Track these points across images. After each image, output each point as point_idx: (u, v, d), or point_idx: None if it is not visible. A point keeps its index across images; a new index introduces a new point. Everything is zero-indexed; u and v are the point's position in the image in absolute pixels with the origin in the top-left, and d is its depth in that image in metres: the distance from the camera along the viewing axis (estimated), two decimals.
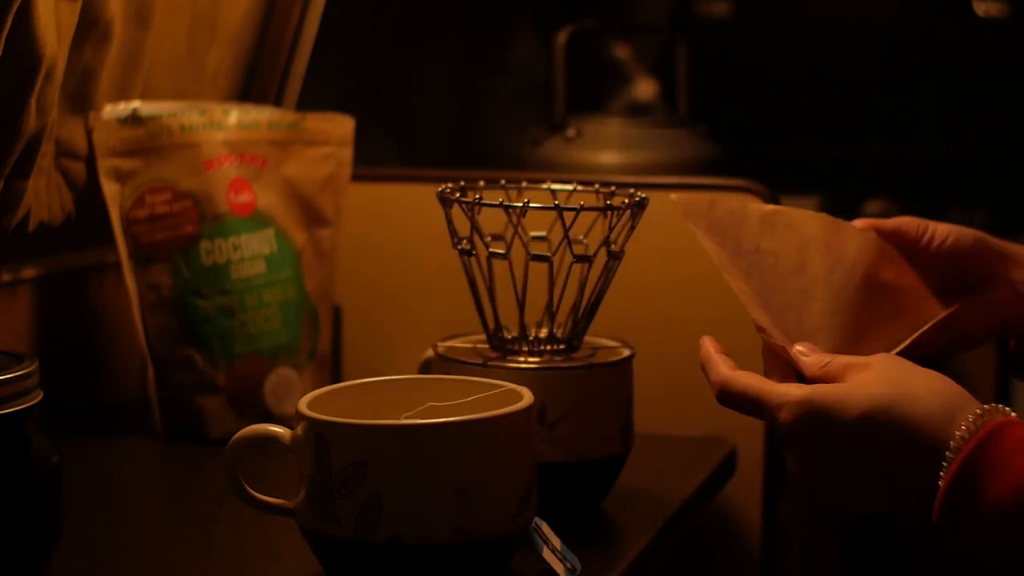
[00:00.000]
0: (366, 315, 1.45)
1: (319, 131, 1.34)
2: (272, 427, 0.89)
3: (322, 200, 1.34)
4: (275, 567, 0.94)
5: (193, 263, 1.25)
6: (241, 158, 1.29)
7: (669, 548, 1.05)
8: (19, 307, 1.25)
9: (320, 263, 1.34)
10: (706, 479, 1.18)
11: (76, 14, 1.13)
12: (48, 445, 0.89)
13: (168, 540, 1.02)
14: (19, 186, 1.14)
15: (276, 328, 1.28)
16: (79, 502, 1.00)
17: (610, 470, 1.04)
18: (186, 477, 1.19)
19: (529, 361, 1.02)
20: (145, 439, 1.25)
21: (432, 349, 1.06)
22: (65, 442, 0.93)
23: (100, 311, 1.34)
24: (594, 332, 1.07)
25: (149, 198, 1.24)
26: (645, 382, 1.13)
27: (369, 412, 0.89)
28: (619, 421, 1.03)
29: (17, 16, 1.02)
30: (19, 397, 0.86)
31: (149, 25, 1.25)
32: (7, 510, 0.86)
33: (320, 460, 0.84)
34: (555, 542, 0.91)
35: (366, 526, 0.83)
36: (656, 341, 1.30)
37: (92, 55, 1.20)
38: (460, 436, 0.83)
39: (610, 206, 1.00)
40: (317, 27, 1.49)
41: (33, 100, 1.08)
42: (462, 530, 0.83)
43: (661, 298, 1.34)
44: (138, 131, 1.24)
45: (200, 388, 1.25)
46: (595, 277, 1.03)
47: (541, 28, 2.25)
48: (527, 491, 0.87)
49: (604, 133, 1.80)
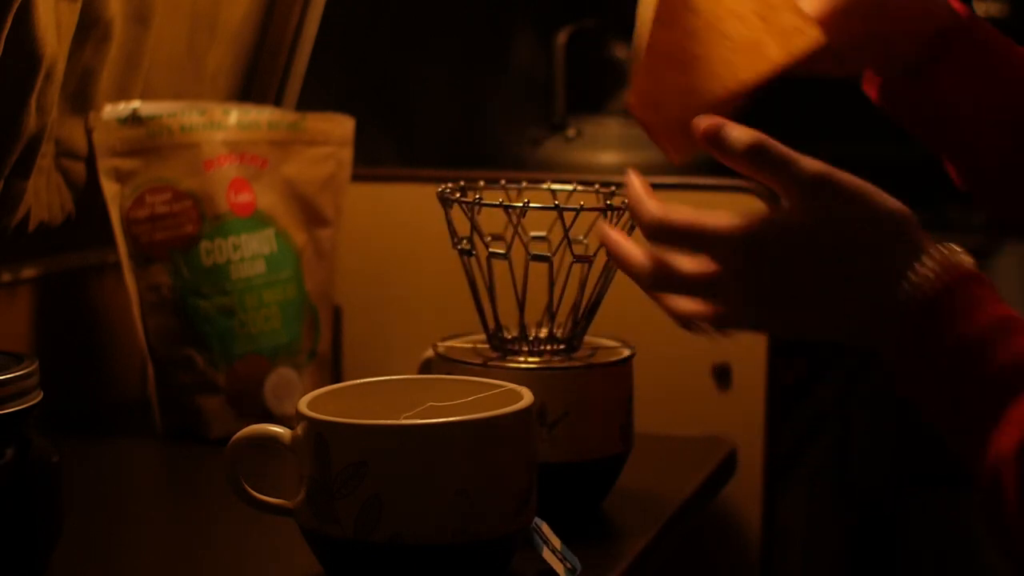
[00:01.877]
0: (366, 315, 1.45)
1: (319, 131, 1.34)
2: (272, 427, 0.89)
3: (322, 200, 1.34)
4: (275, 567, 0.94)
5: (193, 263, 1.25)
6: (241, 158, 1.29)
7: (669, 548, 1.05)
8: (19, 307, 1.25)
9: (320, 263, 1.34)
10: (706, 479, 1.18)
11: (76, 14, 1.13)
12: (48, 445, 0.89)
13: (168, 540, 1.02)
14: (19, 186, 1.14)
15: (276, 328, 1.28)
16: (79, 502, 1.00)
17: (610, 470, 1.04)
18: (186, 477, 1.19)
19: (529, 361, 1.02)
20: (145, 439, 1.25)
21: (432, 349, 1.06)
22: (65, 442, 0.92)
23: (100, 311, 1.34)
24: (594, 332, 1.07)
25: (149, 198, 1.24)
26: (645, 382, 1.13)
27: (369, 412, 0.89)
28: (619, 421, 1.03)
29: (17, 16, 1.02)
30: (19, 397, 0.86)
31: (149, 25, 1.25)
32: (7, 510, 0.86)
33: (320, 460, 0.84)
34: (555, 542, 0.91)
35: (366, 526, 0.82)
36: (656, 341, 1.30)
37: (92, 55, 1.20)
38: (460, 436, 0.83)
39: (610, 206, 1.00)
40: (317, 27, 1.49)
41: (33, 100, 1.08)
42: (462, 530, 0.83)
43: None
44: (138, 131, 1.24)
45: (200, 388, 1.25)
46: (595, 277, 1.03)
47: (541, 28, 2.25)
48: (527, 491, 0.87)
49: (604, 133, 1.80)
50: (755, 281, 0.82)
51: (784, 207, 0.82)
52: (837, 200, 0.81)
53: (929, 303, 0.79)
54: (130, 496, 1.14)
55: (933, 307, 0.79)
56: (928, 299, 0.79)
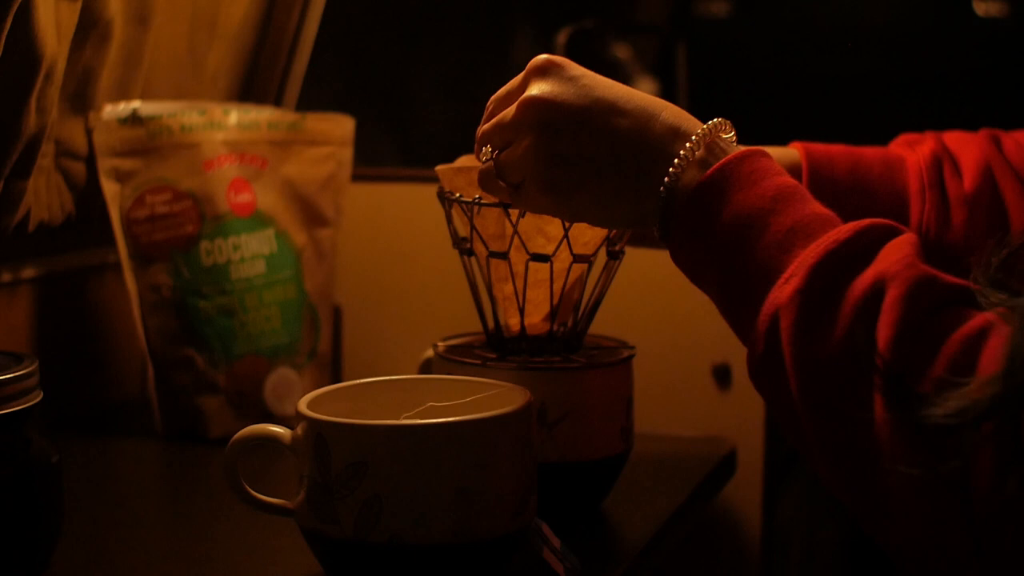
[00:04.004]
0: (366, 315, 1.45)
1: (319, 131, 1.34)
2: (272, 427, 0.89)
3: (322, 200, 1.34)
4: (275, 567, 0.94)
5: (193, 263, 1.25)
6: (241, 158, 1.29)
7: (669, 548, 1.05)
8: (19, 307, 1.25)
9: (320, 263, 1.34)
10: (706, 479, 1.18)
11: (76, 14, 1.13)
12: (48, 445, 0.89)
13: (168, 540, 1.02)
14: (19, 186, 1.14)
15: (276, 328, 1.28)
16: (79, 502, 1.00)
17: (610, 470, 1.04)
18: (186, 477, 1.19)
19: (529, 361, 1.02)
20: (145, 439, 1.25)
21: (432, 349, 1.06)
22: (65, 442, 0.93)
23: (100, 311, 1.34)
24: (594, 332, 1.07)
25: (149, 198, 1.24)
26: (645, 382, 1.13)
27: (369, 412, 0.90)
28: (619, 421, 1.03)
29: (17, 16, 1.02)
30: (19, 397, 0.86)
31: (149, 25, 1.25)
32: (7, 510, 0.86)
33: (320, 460, 0.84)
34: (555, 542, 0.91)
35: (366, 526, 0.82)
36: (656, 341, 1.30)
37: (92, 55, 1.20)
38: (460, 436, 0.83)
39: None
40: (317, 27, 1.49)
41: (33, 100, 1.08)
42: (462, 530, 0.83)
43: (661, 298, 1.35)
44: (138, 131, 1.24)
45: (200, 388, 1.25)
46: (595, 277, 1.03)
47: (541, 28, 2.25)
48: (527, 491, 0.87)
49: None
50: (542, 144, 0.86)
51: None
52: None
53: (699, 184, 0.81)
54: (130, 496, 1.14)
55: (702, 187, 0.81)
56: (696, 181, 0.81)
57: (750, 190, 0.80)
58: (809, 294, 0.74)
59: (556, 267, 0.99)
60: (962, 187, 1.03)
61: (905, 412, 0.69)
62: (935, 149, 1.05)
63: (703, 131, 0.83)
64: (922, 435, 0.68)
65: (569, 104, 0.86)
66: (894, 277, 0.72)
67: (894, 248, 0.75)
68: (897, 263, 0.73)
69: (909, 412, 0.69)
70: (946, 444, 0.67)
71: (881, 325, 0.71)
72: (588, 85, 0.87)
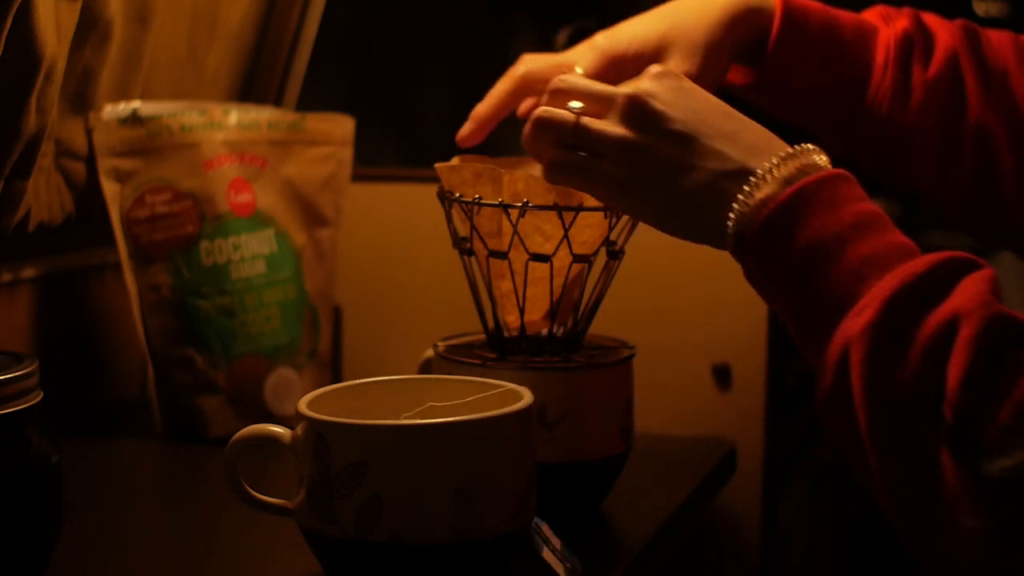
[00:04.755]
0: (366, 315, 1.45)
1: (319, 131, 1.34)
2: (272, 427, 0.89)
3: (322, 200, 1.34)
4: (275, 567, 0.94)
5: (193, 263, 1.25)
6: (241, 158, 1.29)
7: (669, 548, 1.05)
8: (19, 307, 1.25)
9: (320, 263, 1.34)
10: (706, 479, 1.18)
11: (76, 14, 1.13)
12: (48, 445, 0.89)
13: (168, 540, 1.02)
14: (19, 186, 1.14)
15: (276, 328, 1.28)
16: (79, 502, 1.00)
17: (610, 470, 1.04)
18: (186, 477, 1.19)
19: (529, 361, 1.02)
20: (145, 439, 1.25)
21: (432, 349, 1.06)
22: (65, 442, 0.92)
23: (100, 311, 1.34)
24: (594, 332, 1.07)
25: (149, 198, 1.24)
26: (645, 382, 1.13)
27: (369, 412, 0.89)
28: (619, 421, 1.03)
29: (17, 16, 1.02)
30: (19, 397, 0.86)
31: (149, 25, 1.25)
32: (7, 510, 0.86)
33: (320, 460, 0.84)
34: (555, 542, 0.91)
35: (366, 526, 0.82)
36: (656, 341, 1.30)
37: (92, 55, 1.20)
38: (460, 436, 0.83)
39: None
40: (317, 27, 1.49)
41: (33, 100, 1.08)
42: (462, 530, 0.83)
43: (661, 298, 1.35)
44: (138, 131, 1.24)
45: (200, 388, 1.25)
46: (595, 277, 1.03)
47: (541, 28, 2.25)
48: (527, 491, 0.87)
49: None
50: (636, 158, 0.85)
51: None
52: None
53: (777, 205, 0.80)
54: (130, 496, 1.14)
55: (780, 208, 0.80)
56: (774, 201, 0.80)
57: (829, 215, 0.78)
58: (881, 328, 0.73)
59: (555, 265, 0.99)
60: (926, 72, 1.02)
61: (968, 462, 0.68)
62: (908, 28, 1.04)
63: (787, 153, 0.82)
64: (986, 485, 0.68)
65: (674, 119, 0.85)
66: (968, 315, 0.71)
67: (970, 284, 0.73)
68: (971, 299, 0.72)
69: (972, 462, 0.68)
70: (1008, 496, 0.67)
71: (952, 365, 0.70)
72: (698, 110, 0.85)
